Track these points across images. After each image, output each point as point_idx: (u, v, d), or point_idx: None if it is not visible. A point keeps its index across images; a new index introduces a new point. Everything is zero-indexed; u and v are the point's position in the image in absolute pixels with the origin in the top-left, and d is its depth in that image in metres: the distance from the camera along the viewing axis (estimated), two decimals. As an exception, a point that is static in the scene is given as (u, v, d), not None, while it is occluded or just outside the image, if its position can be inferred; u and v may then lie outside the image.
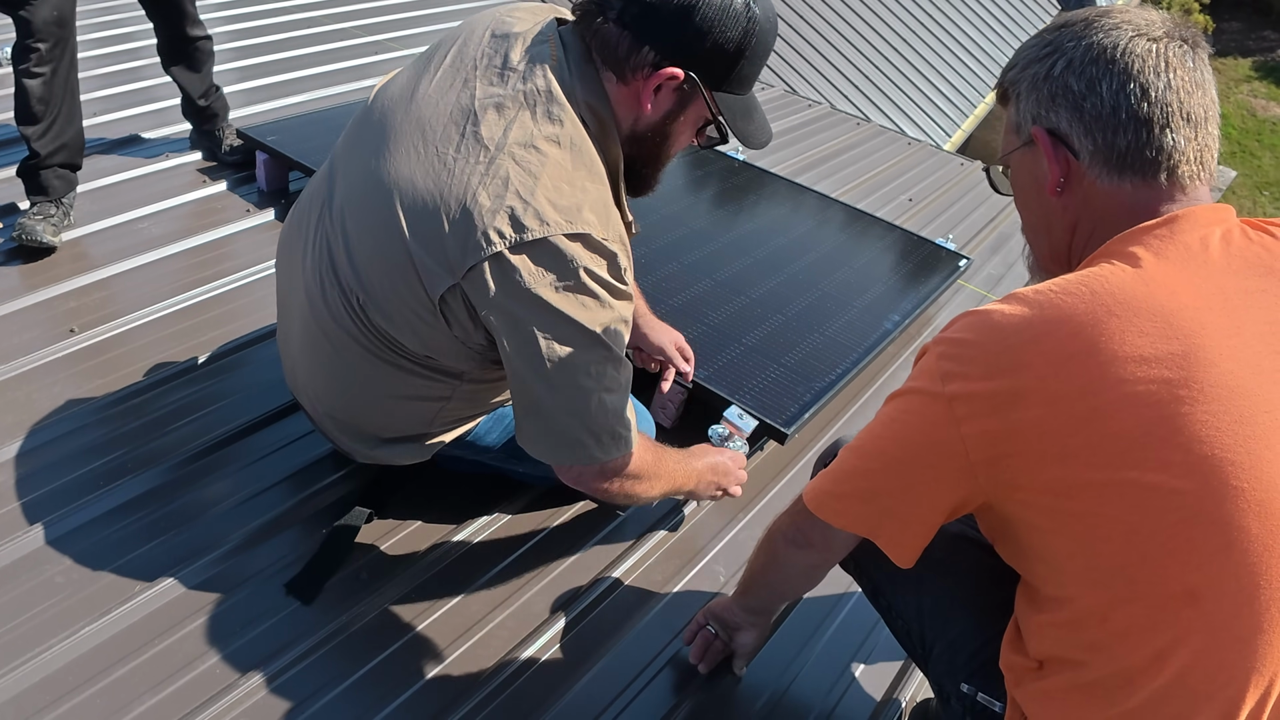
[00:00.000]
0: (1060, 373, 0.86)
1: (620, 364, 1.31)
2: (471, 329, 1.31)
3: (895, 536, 1.02)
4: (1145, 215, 0.94)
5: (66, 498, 1.61)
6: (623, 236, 1.30)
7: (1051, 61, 0.98)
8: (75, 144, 2.28)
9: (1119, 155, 0.95)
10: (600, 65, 1.30)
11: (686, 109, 1.34)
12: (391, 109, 1.35)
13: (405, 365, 1.39)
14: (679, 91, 1.31)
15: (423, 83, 1.34)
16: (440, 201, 1.24)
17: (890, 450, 0.99)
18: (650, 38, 1.25)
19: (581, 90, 1.29)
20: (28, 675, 1.33)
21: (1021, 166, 1.05)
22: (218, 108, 2.78)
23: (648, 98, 1.30)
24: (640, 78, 1.28)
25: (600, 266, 1.24)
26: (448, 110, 1.29)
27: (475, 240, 1.21)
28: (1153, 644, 0.87)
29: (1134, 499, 0.84)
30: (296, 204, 1.53)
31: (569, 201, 1.23)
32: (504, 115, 1.26)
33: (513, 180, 1.22)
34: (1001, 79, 1.05)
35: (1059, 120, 0.97)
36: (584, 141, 1.27)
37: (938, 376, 0.93)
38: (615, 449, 1.34)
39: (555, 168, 1.24)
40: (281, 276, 1.55)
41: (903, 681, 1.58)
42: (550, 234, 1.21)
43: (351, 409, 1.48)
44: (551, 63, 1.29)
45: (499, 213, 1.21)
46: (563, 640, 1.53)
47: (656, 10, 1.24)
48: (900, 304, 2.45)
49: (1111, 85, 0.94)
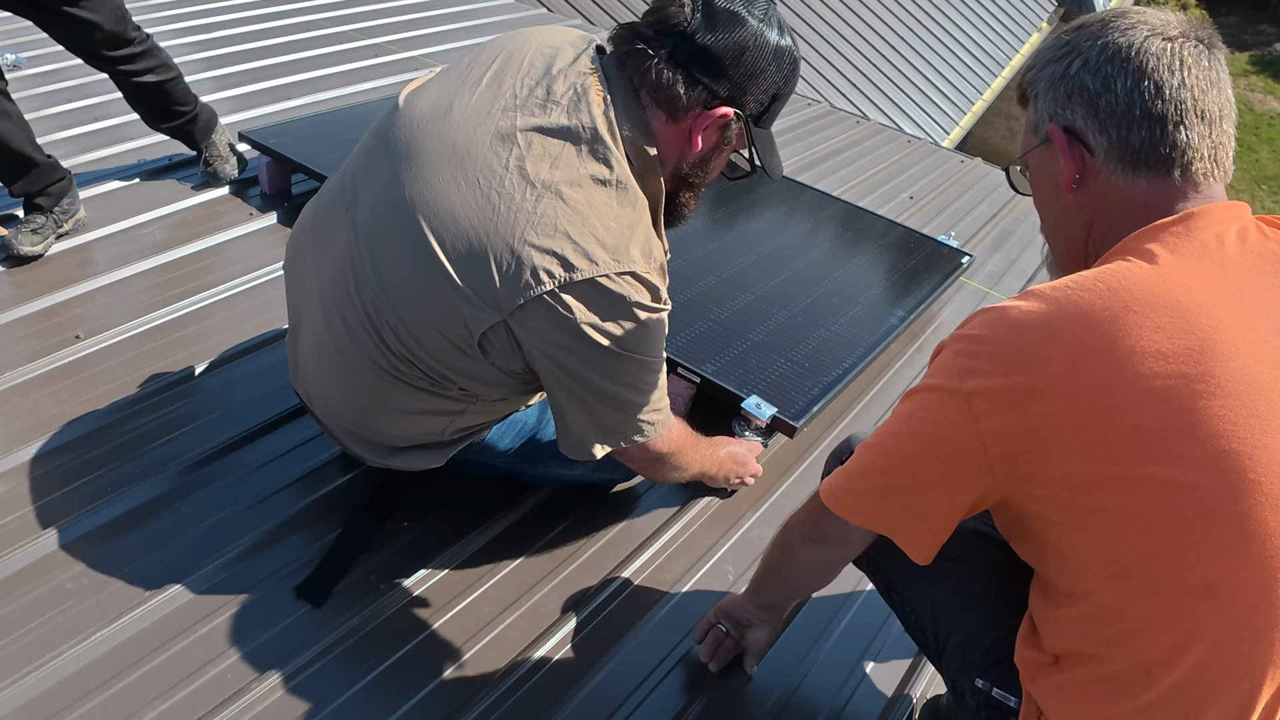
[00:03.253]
0: (1078, 368, 0.86)
1: (659, 369, 1.38)
2: (510, 360, 1.33)
3: (913, 533, 1.02)
4: (1160, 212, 0.95)
5: (75, 504, 1.61)
6: (663, 266, 1.33)
7: (1068, 61, 0.99)
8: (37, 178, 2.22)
9: (1133, 152, 0.96)
10: (648, 103, 1.31)
11: (724, 144, 1.39)
12: (422, 126, 1.32)
13: (421, 385, 1.38)
14: (723, 128, 1.36)
15: (457, 102, 1.32)
16: (487, 240, 1.24)
17: (908, 447, 0.99)
18: (704, 78, 1.29)
19: (627, 127, 1.29)
20: (40, 681, 1.33)
21: (1039, 165, 1.06)
22: (195, 131, 2.56)
23: (698, 136, 1.34)
24: (692, 116, 1.32)
25: (645, 298, 1.28)
26: (487, 139, 1.28)
27: (525, 280, 1.23)
28: (1169, 637, 0.87)
29: (1151, 493, 0.84)
30: (310, 210, 1.51)
31: (615, 240, 1.25)
32: (549, 151, 1.26)
33: (561, 220, 1.23)
34: (1021, 80, 1.06)
35: (1075, 118, 0.99)
36: (628, 179, 1.28)
37: (955, 373, 0.93)
38: (654, 431, 1.42)
39: (602, 206, 1.25)
40: (293, 283, 1.54)
41: (913, 678, 1.58)
42: (598, 274, 1.23)
43: (363, 420, 1.47)
44: (596, 98, 1.29)
45: (548, 253, 1.22)
46: (573, 641, 1.53)
47: (709, 52, 1.28)
48: (904, 300, 2.45)
49: (1126, 83, 0.95)
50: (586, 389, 1.33)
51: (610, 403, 1.35)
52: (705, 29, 1.27)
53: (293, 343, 1.58)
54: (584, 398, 1.34)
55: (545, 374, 1.33)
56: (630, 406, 1.37)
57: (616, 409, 1.36)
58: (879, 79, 7.96)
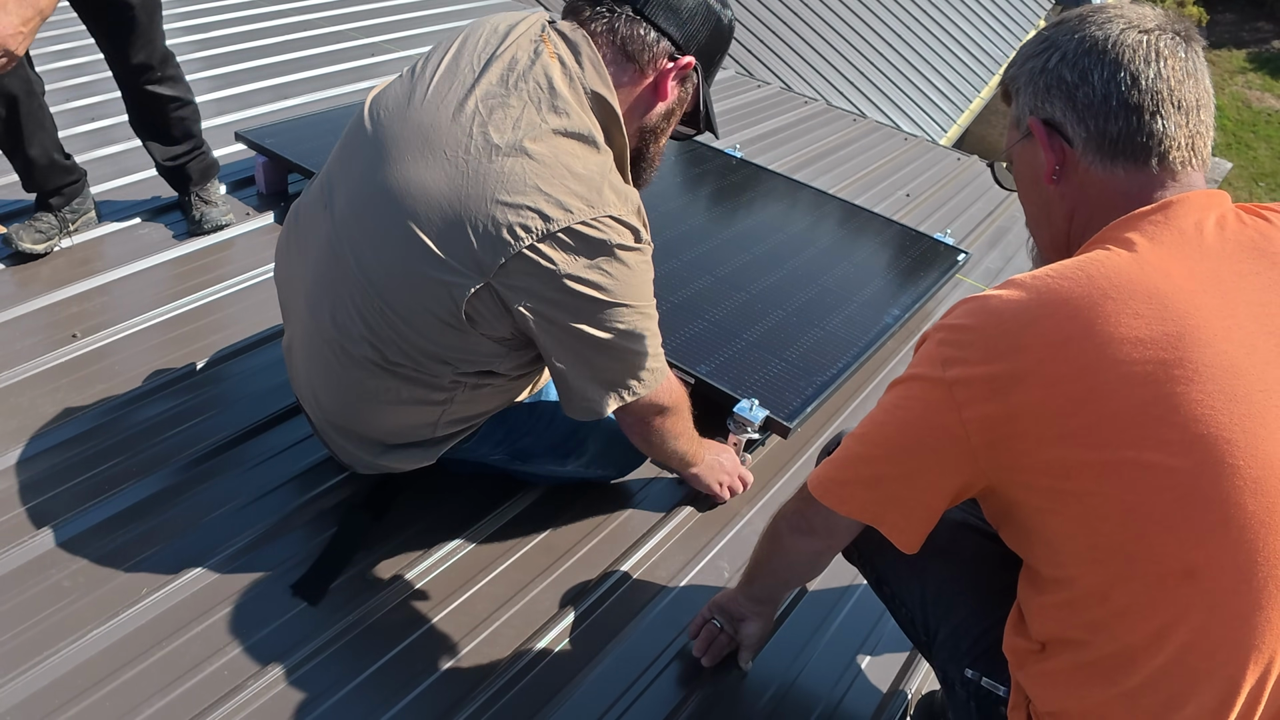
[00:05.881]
0: (1058, 355, 0.87)
1: (650, 312, 1.39)
2: (499, 325, 1.33)
3: (899, 522, 1.03)
4: (1139, 201, 0.97)
5: (71, 502, 1.61)
6: (639, 207, 1.34)
7: (1047, 56, 1.01)
8: (53, 177, 2.22)
9: (1111, 142, 0.98)
10: (612, 59, 1.34)
11: (685, 99, 1.44)
12: (388, 117, 1.35)
13: (407, 374, 1.39)
14: (683, 80, 1.41)
15: (418, 90, 1.35)
16: (460, 206, 1.25)
17: (893, 437, 1.01)
18: (669, 28, 1.36)
19: (588, 81, 1.31)
20: (36, 679, 1.33)
21: (1022, 159, 1.08)
22: (192, 169, 2.41)
23: (665, 85, 1.39)
24: (659, 66, 1.37)
25: (626, 238, 1.29)
26: (449, 114, 1.30)
27: (502, 238, 1.24)
28: (1152, 622, 0.88)
29: (1131, 478, 0.86)
30: (294, 211, 1.52)
31: (587, 187, 1.26)
32: (509, 113, 1.27)
33: (529, 175, 1.24)
34: (1003, 77, 1.09)
35: (1054, 110, 1.00)
36: (593, 128, 1.30)
37: (938, 362, 0.95)
38: (654, 380, 1.44)
39: (568, 156, 1.26)
40: (282, 284, 1.55)
41: (908, 674, 1.59)
42: (575, 221, 1.24)
43: (352, 415, 1.48)
44: (550, 59, 1.31)
45: (522, 208, 1.23)
46: (569, 637, 1.54)
47: (670, 2, 1.35)
48: (900, 298, 2.45)
49: (1103, 74, 0.97)
50: (580, 341, 1.33)
51: (605, 352, 1.35)
52: None
53: (287, 344, 1.59)
54: (579, 350, 1.34)
55: (538, 333, 1.32)
56: (626, 354, 1.37)
57: (612, 358, 1.36)
58: (876, 77, 7.96)
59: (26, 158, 2.15)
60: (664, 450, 1.61)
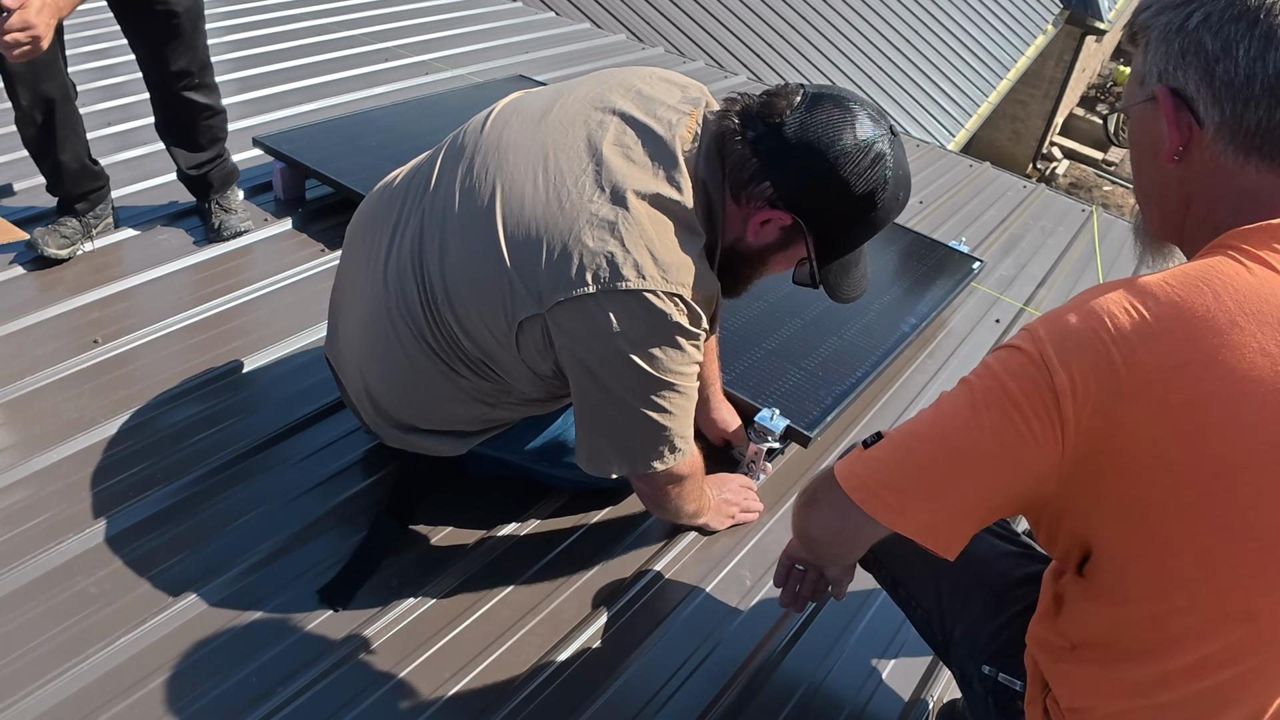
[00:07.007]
0: (1171, 380, 0.78)
1: (690, 394, 1.35)
2: (540, 358, 1.33)
3: (952, 539, 0.92)
4: (1269, 207, 0.84)
5: (97, 509, 1.62)
6: (711, 298, 1.32)
7: (1189, 10, 0.84)
8: (80, 183, 2.23)
9: (1247, 132, 0.83)
10: (724, 174, 1.31)
11: (788, 248, 1.36)
12: (521, 120, 1.37)
13: (462, 370, 1.40)
14: (784, 231, 1.32)
15: (557, 106, 1.36)
16: (544, 231, 1.26)
17: (978, 442, 0.87)
18: (775, 174, 1.26)
19: (704, 172, 1.30)
20: (66, 685, 1.34)
21: (1140, 124, 0.92)
22: (214, 177, 2.42)
23: (753, 228, 1.32)
24: (753, 207, 1.30)
25: (685, 321, 1.27)
26: (575, 144, 1.31)
27: (568, 277, 1.24)
28: (1200, 651, 0.86)
29: (1219, 524, 0.80)
30: (387, 185, 1.53)
31: (670, 260, 1.25)
32: (627, 164, 1.28)
33: (619, 227, 1.24)
34: (1133, 18, 0.92)
35: (1186, 81, 0.85)
36: (692, 215, 1.28)
37: (1040, 364, 0.83)
38: (675, 459, 1.41)
39: (663, 226, 1.25)
40: (351, 253, 1.56)
41: (930, 682, 1.59)
42: (645, 288, 1.23)
43: (398, 396, 1.49)
44: (686, 134, 1.30)
45: (598, 255, 1.23)
46: (594, 645, 1.54)
47: (789, 153, 1.24)
48: (916, 307, 2.46)
49: (1250, 50, 0.81)
50: (611, 403, 1.33)
51: (631, 419, 1.34)
52: (797, 131, 1.24)
53: (335, 311, 1.60)
54: (605, 410, 1.34)
55: (573, 380, 1.33)
56: (652, 429, 1.35)
57: (636, 427, 1.35)
58: (885, 82, 7.97)
59: (57, 162, 2.15)
60: (673, 512, 1.61)
